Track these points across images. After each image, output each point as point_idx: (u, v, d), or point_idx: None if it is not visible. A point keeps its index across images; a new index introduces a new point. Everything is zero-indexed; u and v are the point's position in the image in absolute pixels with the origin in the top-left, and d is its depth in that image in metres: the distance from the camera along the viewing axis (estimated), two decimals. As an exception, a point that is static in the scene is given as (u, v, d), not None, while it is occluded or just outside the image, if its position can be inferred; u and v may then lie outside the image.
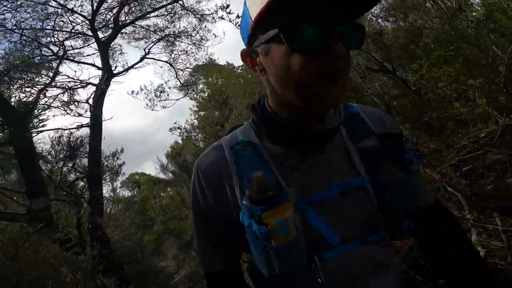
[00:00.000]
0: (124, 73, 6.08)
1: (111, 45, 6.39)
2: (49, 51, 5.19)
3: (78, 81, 5.90)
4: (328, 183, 0.58)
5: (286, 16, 0.49)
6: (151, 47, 6.58)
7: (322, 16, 0.49)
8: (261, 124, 0.61)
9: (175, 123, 10.01)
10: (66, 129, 4.91)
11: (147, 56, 6.61)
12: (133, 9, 6.63)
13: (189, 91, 7.87)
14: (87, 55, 6.90)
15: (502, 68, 1.88)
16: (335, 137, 0.62)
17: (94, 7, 5.93)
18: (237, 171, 0.58)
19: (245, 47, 0.60)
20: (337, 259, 0.56)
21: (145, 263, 5.55)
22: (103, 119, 5.28)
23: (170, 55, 6.94)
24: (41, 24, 5.46)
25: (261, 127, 0.62)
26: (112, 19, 6.42)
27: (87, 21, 5.94)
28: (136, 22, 6.76)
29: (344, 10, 0.51)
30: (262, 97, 0.65)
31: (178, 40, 6.83)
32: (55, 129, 4.76)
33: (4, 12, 4.86)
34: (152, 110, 7.17)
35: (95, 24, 6.02)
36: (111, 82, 5.83)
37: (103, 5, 6.06)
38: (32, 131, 3.71)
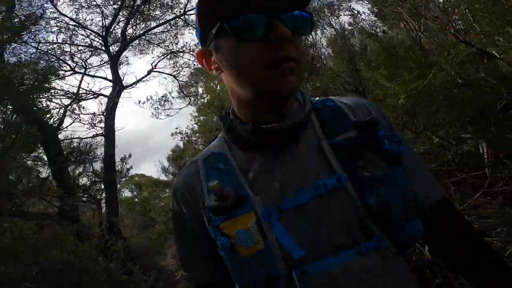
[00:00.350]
0: (133, 86, 6.67)
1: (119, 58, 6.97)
2: (67, 66, 5.78)
3: (91, 92, 6.50)
4: (300, 187, 0.52)
5: (229, 8, 0.49)
6: (157, 63, 7.18)
7: (265, 4, 0.48)
8: (227, 133, 0.60)
9: (177, 128, 10.59)
10: (84, 138, 5.48)
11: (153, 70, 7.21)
12: (139, 23, 7.22)
13: (191, 101, 8.46)
14: (99, 68, 7.45)
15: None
16: (307, 134, 0.57)
17: (107, 24, 6.52)
18: (206, 184, 0.57)
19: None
20: (325, 272, 0.49)
21: (152, 258, 6.12)
22: (116, 129, 5.88)
23: (174, 68, 7.56)
24: (60, 41, 6.03)
25: (228, 136, 0.60)
26: (120, 33, 6.99)
27: (100, 38, 6.53)
28: (142, 37, 7.35)
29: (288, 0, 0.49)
30: (231, 106, 0.63)
31: (181, 56, 7.46)
32: (77, 138, 5.35)
33: (28, 28, 5.41)
34: (157, 118, 7.76)
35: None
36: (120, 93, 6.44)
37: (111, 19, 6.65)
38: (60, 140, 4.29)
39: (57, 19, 6.08)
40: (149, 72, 7.00)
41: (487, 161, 1.75)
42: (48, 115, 3.77)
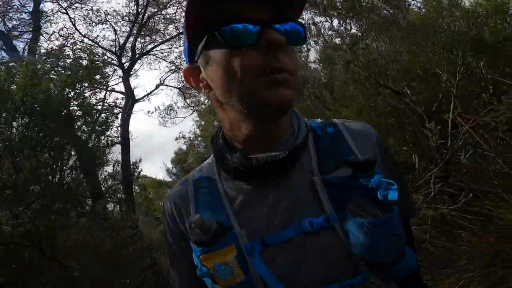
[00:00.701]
0: (144, 99, 7.44)
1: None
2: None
3: (106, 104, 7.25)
4: (287, 222, 0.50)
5: (219, 20, 0.46)
6: (165, 79, 7.99)
7: (257, 15, 0.47)
8: (217, 159, 0.58)
9: (180, 133, 11.35)
10: (104, 147, 6.24)
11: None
12: (151, 41, 7.98)
13: (195, 109, 9.28)
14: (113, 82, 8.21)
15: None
16: (301, 165, 0.54)
17: (119, 41, 7.27)
18: (195, 209, 0.56)
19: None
20: None
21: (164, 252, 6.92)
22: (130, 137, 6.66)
23: (179, 81, 8.37)
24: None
25: (217, 161, 0.58)
26: (130, 49, 7.74)
27: (114, 54, 7.28)
28: (151, 52, 8.12)
29: (281, 10, 0.49)
30: (220, 127, 0.60)
31: None
32: (97, 145, 6.10)
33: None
34: (164, 126, 8.57)
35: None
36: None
37: (121, 35, 7.40)
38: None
39: (76, 38, 6.81)
40: (157, 86, 7.78)
41: (417, 167, 2.45)
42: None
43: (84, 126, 4.29)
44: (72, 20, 6.73)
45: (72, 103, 3.92)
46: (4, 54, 6.20)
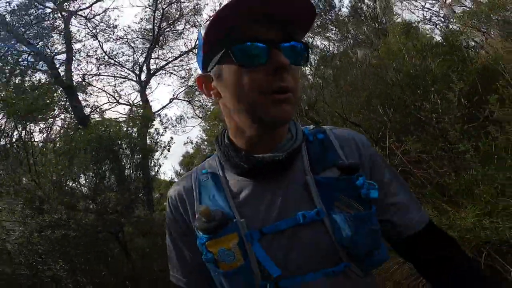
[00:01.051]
0: (159, 112, 8.48)
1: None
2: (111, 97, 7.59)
3: (125, 116, 8.29)
4: (282, 215, 0.57)
5: (232, 36, 0.53)
6: (177, 94, 9.04)
7: (265, 34, 0.53)
8: (221, 155, 0.64)
9: (188, 138, 12.49)
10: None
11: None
12: (161, 56, 9.00)
13: (202, 118, 10.37)
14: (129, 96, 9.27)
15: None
16: (296, 166, 0.61)
17: (137, 58, 8.30)
18: (199, 201, 0.62)
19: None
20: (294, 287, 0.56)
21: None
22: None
23: (189, 95, 9.42)
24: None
25: (222, 159, 0.64)
26: (145, 66, 8.78)
27: (132, 72, 8.31)
28: (165, 68, 9.14)
29: (288, 30, 0.55)
30: (225, 129, 0.67)
31: (194, 84, 9.35)
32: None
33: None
34: (176, 134, 9.69)
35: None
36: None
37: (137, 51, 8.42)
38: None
39: (100, 57, 7.84)
40: (171, 100, 8.84)
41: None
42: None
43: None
44: (100, 43, 7.75)
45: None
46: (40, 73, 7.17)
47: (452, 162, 2.28)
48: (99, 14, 7.52)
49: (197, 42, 0.64)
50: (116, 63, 7.90)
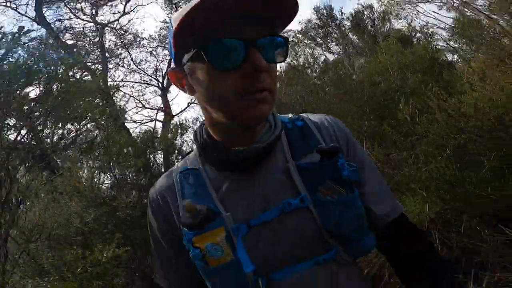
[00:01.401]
0: (179, 114, 9.35)
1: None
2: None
3: (149, 118, 9.25)
4: (267, 205, 0.57)
5: (205, 34, 0.49)
6: (194, 99, 9.90)
7: (241, 30, 0.49)
8: (200, 151, 0.63)
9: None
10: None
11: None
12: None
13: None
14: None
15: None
16: (276, 154, 0.61)
17: (162, 70, 9.22)
18: (181, 198, 0.60)
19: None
20: (289, 280, 0.55)
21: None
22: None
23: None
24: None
25: (201, 154, 0.63)
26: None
27: (155, 78, 9.24)
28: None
29: (266, 25, 0.51)
30: (202, 122, 0.65)
31: None
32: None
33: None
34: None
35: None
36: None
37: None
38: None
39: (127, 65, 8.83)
40: (188, 105, 9.67)
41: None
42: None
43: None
44: (129, 53, 8.74)
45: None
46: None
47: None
48: (124, 26, 8.47)
49: (167, 33, 0.57)
50: (141, 70, 8.86)
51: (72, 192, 2.86)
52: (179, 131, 5.72)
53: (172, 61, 0.59)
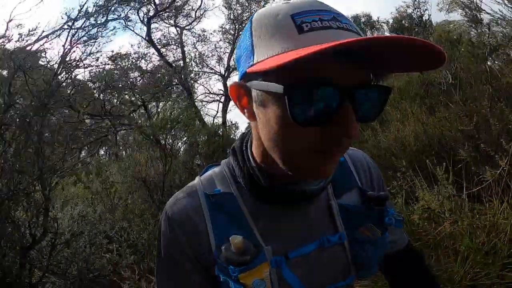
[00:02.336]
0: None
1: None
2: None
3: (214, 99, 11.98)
4: (307, 239, 0.57)
5: (294, 73, 0.39)
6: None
7: (338, 70, 0.39)
8: (243, 177, 0.56)
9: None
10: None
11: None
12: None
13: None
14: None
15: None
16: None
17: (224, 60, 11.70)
18: (214, 226, 0.55)
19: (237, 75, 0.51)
20: None
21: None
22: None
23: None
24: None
25: (244, 181, 0.56)
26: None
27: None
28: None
29: (369, 63, 0.40)
30: (245, 138, 0.60)
31: None
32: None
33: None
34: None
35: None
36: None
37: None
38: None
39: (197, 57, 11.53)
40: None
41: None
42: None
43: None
44: (198, 51, 11.40)
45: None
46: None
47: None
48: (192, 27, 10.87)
49: (241, 37, 0.49)
50: (206, 63, 11.50)
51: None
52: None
53: (239, 70, 0.50)
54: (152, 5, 8.91)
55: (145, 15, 8.95)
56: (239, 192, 0.57)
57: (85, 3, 5.29)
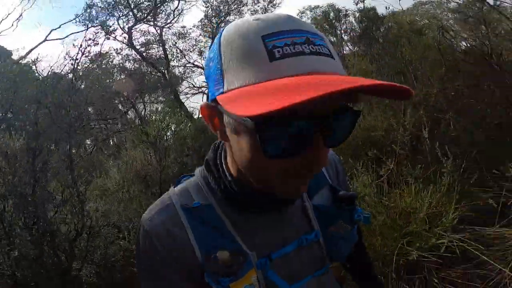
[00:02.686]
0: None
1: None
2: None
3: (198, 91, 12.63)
4: (287, 240, 0.61)
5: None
6: None
7: (314, 106, 0.36)
8: (221, 191, 0.57)
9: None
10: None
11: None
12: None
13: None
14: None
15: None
16: None
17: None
18: (196, 236, 0.55)
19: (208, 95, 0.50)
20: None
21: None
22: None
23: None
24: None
25: (220, 194, 0.57)
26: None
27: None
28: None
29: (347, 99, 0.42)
30: (218, 150, 0.60)
31: None
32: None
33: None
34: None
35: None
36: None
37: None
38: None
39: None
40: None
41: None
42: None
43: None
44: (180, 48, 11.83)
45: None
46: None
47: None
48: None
49: (210, 52, 0.48)
50: (187, 60, 12.02)
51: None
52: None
53: (209, 94, 0.48)
54: (131, 14, 9.42)
55: (125, 24, 9.47)
56: (218, 203, 0.57)
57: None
